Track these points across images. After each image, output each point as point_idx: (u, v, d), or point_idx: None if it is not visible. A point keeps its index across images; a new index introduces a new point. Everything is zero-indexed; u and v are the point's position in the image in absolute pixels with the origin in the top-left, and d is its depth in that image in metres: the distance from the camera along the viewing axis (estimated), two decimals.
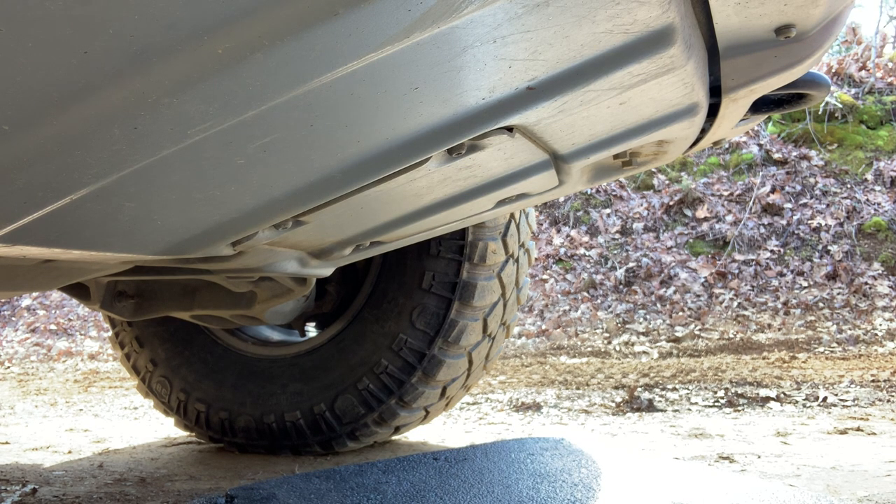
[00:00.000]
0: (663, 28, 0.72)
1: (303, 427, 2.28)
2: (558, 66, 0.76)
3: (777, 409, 3.20)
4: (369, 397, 2.19)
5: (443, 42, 0.64)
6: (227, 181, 0.84)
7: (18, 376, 5.79)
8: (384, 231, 1.34)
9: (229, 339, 2.40)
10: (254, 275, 1.56)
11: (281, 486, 1.80)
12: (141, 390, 2.56)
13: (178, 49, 0.52)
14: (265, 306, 1.81)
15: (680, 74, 0.85)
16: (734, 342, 4.93)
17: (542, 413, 3.36)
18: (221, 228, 1.01)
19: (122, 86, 0.55)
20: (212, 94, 0.60)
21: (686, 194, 6.82)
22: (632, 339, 5.30)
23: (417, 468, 1.93)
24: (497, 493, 1.72)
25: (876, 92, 7.36)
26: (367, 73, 0.65)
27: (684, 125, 1.08)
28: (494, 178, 1.17)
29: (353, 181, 0.94)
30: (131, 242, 0.97)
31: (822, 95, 1.27)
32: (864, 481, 1.91)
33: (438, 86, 0.74)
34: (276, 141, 0.75)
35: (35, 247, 0.84)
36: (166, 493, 1.95)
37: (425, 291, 2.13)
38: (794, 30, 0.87)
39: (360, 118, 0.77)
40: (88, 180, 0.70)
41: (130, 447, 2.73)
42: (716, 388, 3.69)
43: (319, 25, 0.55)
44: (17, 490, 1.98)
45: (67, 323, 7.15)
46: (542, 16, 0.64)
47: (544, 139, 1.00)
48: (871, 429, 2.67)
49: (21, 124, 0.57)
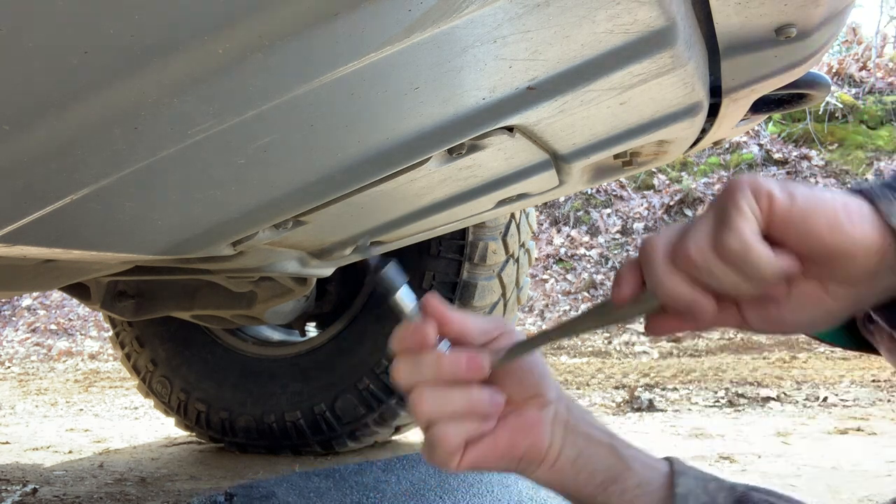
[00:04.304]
0: (664, 28, 0.72)
1: (303, 427, 2.28)
2: (559, 66, 0.76)
3: (777, 409, 3.19)
4: (369, 397, 2.19)
5: (443, 42, 0.64)
6: (227, 181, 0.84)
7: (19, 376, 5.79)
8: (384, 231, 1.34)
9: (230, 339, 2.40)
10: (254, 275, 1.56)
11: (280, 484, 1.80)
12: (141, 390, 2.56)
13: (178, 49, 0.52)
14: (265, 306, 1.81)
15: (680, 74, 0.85)
16: (735, 342, 4.93)
17: None
18: (222, 228, 1.01)
19: (122, 86, 0.55)
20: (212, 94, 0.60)
21: (686, 194, 6.82)
22: (632, 338, 5.30)
23: (417, 467, 1.93)
24: (496, 492, 1.72)
25: (876, 92, 7.35)
26: (367, 73, 0.64)
27: (685, 125, 1.08)
28: (495, 178, 1.17)
29: (353, 181, 0.94)
30: (131, 242, 0.97)
31: (823, 95, 1.27)
32: (864, 481, 1.91)
33: (439, 86, 0.74)
34: (277, 141, 0.75)
35: (35, 247, 0.84)
36: (167, 493, 1.95)
37: (425, 291, 2.13)
38: (795, 29, 0.87)
39: (360, 118, 0.77)
40: (88, 180, 0.70)
41: (131, 447, 2.73)
42: (716, 388, 3.69)
43: (319, 25, 0.55)
44: (17, 490, 1.98)
45: (68, 323, 7.15)
46: (542, 16, 0.64)
47: (544, 139, 1.00)
48: (871, 429, 2.67)
49: (21, 124, 0.57)
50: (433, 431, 0.63)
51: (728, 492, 0.63)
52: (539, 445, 0.65)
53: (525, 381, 0.66)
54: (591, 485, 0.65)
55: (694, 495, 0.61)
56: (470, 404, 0.62)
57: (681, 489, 0.62)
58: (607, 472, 0.65)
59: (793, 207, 0.49)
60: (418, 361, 0.63)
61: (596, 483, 0.65)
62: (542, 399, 0.66)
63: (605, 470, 0.65)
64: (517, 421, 0.65)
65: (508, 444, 0.65)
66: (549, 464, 0.66)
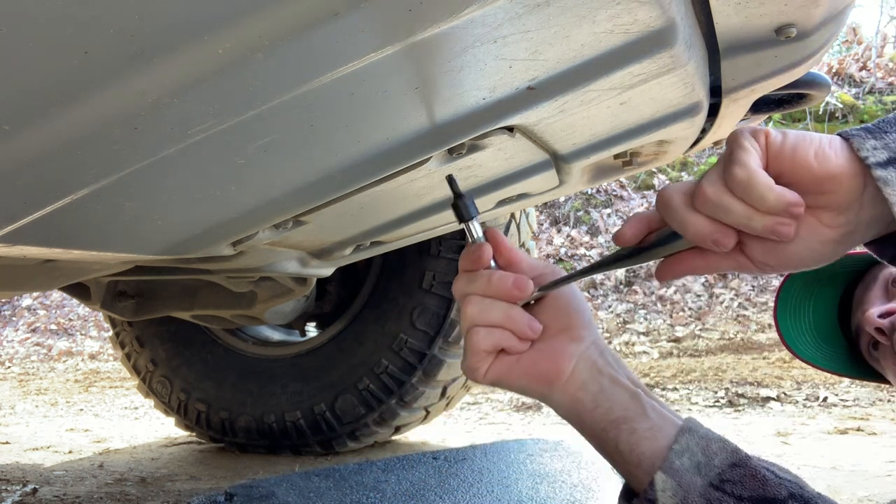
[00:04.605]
0: (664, 28, 0.72)
1: (303, 427, 2.28)
2: (559, 66, 0.76)
3: (777, 409, 3.20)
4: (369, 397, 2.19)
5: (443, 42, 0.64)
6: (227, 181, 0.84)
7: (19, 376, 5.79)
8: (384, 231, 1.34)
9: (230, 339, 2.40)
10: (254, 275, 1.56)
11: (280, 483, 1.80)
12: (141, 390, 2.56)
13: (178, 49, 0.52)
14: (265, 306, 1.81)
15: (680, 74, 0.85)
16: (735, 342, 4.93)
17: (542, 413, 3.36)
18: (222, 228, 1.01)
19: (122, 86, 0.55)
20: (212, 94, 0.60)
21: None
22: (632, 339, 5.30)
23: (417, 467, 1.93)
24: (497, 492, 1.72)
25: (876, 92, 7.35)
26: (367, 73, 0.64)
27: (685, 125, 1.08)
28: (495, 178, 1.17)
29: (353, 181, 0.94)
30: (132, 242, 0.97)
31: (823, 95, 1.27)
32: (864, 481, 1.91)
33: (439, 86, 0.74)
34: (277, 141, 0.75)
35: (35, 247, 0.84)
36: (167, 493, 1.95)
37: (425, 291, 2.13)
38: (795, 29, 0.87)
39: (360, 118, 0.77)
40: (88, 180, 0.70)
41: (131, 447, 2.73)
42: (716, 388, 3.69)
43: (319, 25, 0.55)
44: (17, 490, 1.98)
45: (68, 323, 7.15)
46: (542, 16, 0.64)
47: (545, 139, 1.00)
48: (871, 429, 2.67)
49: (21, 124, 0.57)
50: (471, 333, 0.70)
51: (729, 454, 0.65)
52: (561, 369, 0.71)
53: (561, 315, 0.73)
54: (605, 420, 0.69)
55: (690, 452, 0.65)
56: (509, 318, 0.70)
57: (678, 445, 0.65)
58: (625, 411, 0.69)
59: (785, 141, 0.58)
60: (473, 276, 0.71)
61: (611, 419, 0.69)
62: (574, 333, 0.72)
63: (623, 410, 0.69)
64: (546, 346, 0.72)
65: (532, 362, 0.71)
66: (569, 391, 0.70)
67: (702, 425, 0.68)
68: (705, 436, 0.67)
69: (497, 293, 0.70)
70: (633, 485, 0.69)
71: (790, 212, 0.57)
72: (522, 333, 0.70)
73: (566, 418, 0.72)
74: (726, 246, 0.60)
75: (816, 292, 1.21)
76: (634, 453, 0.67)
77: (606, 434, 0.69)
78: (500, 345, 0.70)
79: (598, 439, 0.70)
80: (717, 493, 0.63)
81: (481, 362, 0.71)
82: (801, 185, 0.58)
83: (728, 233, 0.59)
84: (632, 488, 0.70)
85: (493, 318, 0.70)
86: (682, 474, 0.64)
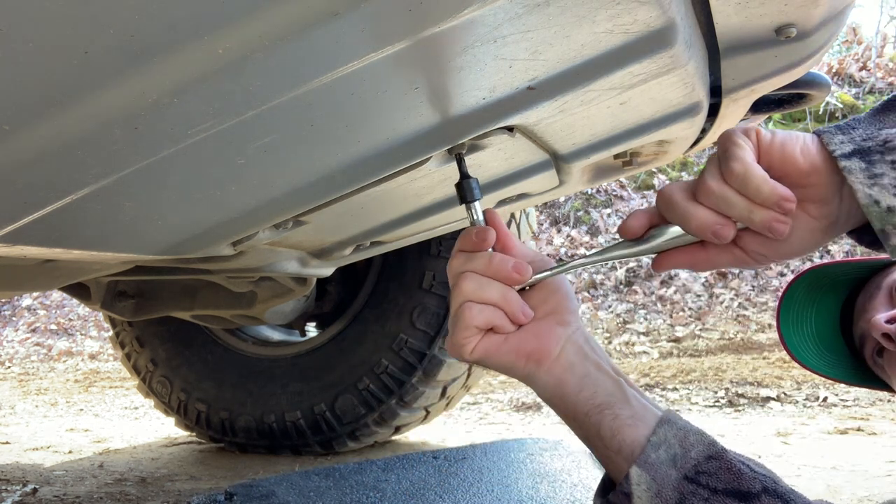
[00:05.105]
0: (664, 28, 0.72)
1: (303, 427, 2.28)
2: (559, 66, 0.76)
3: (777, 409, 3.20)
4: (370, 397, 2.19)
5: (443, 42, 0.64)
6: (227, 181, 0.84)
7: (19, 376, 5.79)
8: (384, 231, 1.34)
9: (230, 339, 2.40)
10: (254, 275, 1.56)
11: (280, 483, 1.80)
12: (141, 390, 2.56)
13: (178, 49, 0.52)
14: (265, 306, 1.81)
15: (680, 74, 0.85)
16: (735, 342, 4.93)
17: (542, 413, 3.36)
18: (222, 228, 1.01)
19: (122, 86, 0.55)
20: (212, 94, 0.60)
21: None
22: (632, 339, 5.30)
23: (417, 467, 1.93)
24: (497, 492, 1.72)
25: (876, 92, 7.35)
26: (367, 73, 0.64)
27: (685, 125, 1.08)
28: (495, 177, 1.17)
29: (353, 181, 0.94)
30: (132, 242, 0.97)
31: (823, 95, 1.27)
32: (864, 481, 1.91)
33: (438, 86, 0.74)
34: (277, 141, 0.75)
35: (35, 247, 0.84)
36: (167, 493, 1.95)
37: (426, 291, 2.13)
38: (795, 29, 0.87)
39: (360, 118, 0.77)
40: (88, 180, 0.70)
41: (131, 447, 2.73)
42: (716, 388, 3.69)
43: (319, 25, 0.55)
44: (17, 490, 1.98)
45: (68, 323, 7.15)
46: (542, 16, 0.64)
47: (545, 139, 1.00)
48: (871, 429, 2.67)
49: (21, 124, 0.57)
50: (464, 308, 0.71)
51: (706, 447, 0.67)
52: (549, 349, 0.72)
53: (550, 299, 0.75)
54: (589, 404, 0.70)
55: (667, 444, 0.66)
56: (504, 298, 0.71)
57: (655, 437, 0.67)
58: (608, 397, 0.70)
59: (774, 138, 0.64)
60: (473, 256, 0.73)
61: (594, 403, 0.70)
62: (562, 318, 0.74)
63: (607, 395, 0.70)
64: (534, 327, 0.73)
65: (520, 340, 0.73)
66: (555, 372, 0.72)
67: (681, 417, 0.70)
68: (683, 427, 0.68)
69: (496, 274, 0.72)
70: (611, 471, 0.70)
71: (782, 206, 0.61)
72: (515, 316, 0.72)
73: (548, 400, 0.73)
74: (726, 237, 0.63)
75: (818, 300, 1.21)
76: (615, 439, 0.68)
77: (589, 418, 0.70)
78: (491, 322, 0.71)
79: (580, 423, 0.71)
80: (692, 485, 0.64)
81: (470, 339, 0.72)
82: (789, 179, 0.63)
83: (728, 224, 0.63)
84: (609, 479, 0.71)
85: (489, 296, 0.71)
86: (658, 468, 0.65)
